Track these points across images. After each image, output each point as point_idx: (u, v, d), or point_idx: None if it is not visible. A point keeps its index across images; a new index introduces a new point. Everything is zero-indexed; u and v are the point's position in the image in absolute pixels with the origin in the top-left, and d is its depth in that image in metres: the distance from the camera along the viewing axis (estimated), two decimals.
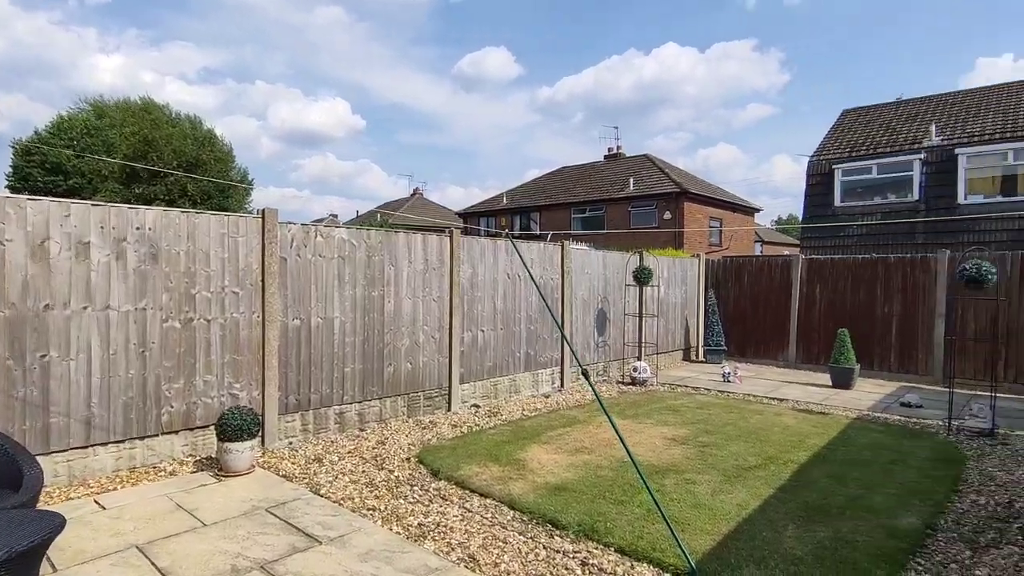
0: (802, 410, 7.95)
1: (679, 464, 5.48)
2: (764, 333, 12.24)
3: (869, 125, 20.91)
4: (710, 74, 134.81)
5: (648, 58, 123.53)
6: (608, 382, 10.01)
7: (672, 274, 12.06)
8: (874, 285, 10.87)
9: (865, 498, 4.66)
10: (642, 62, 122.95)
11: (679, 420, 7.22)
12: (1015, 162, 16.19)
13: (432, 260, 7.36)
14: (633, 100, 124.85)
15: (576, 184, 32.07)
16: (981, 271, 6.63)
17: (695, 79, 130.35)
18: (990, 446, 6.26)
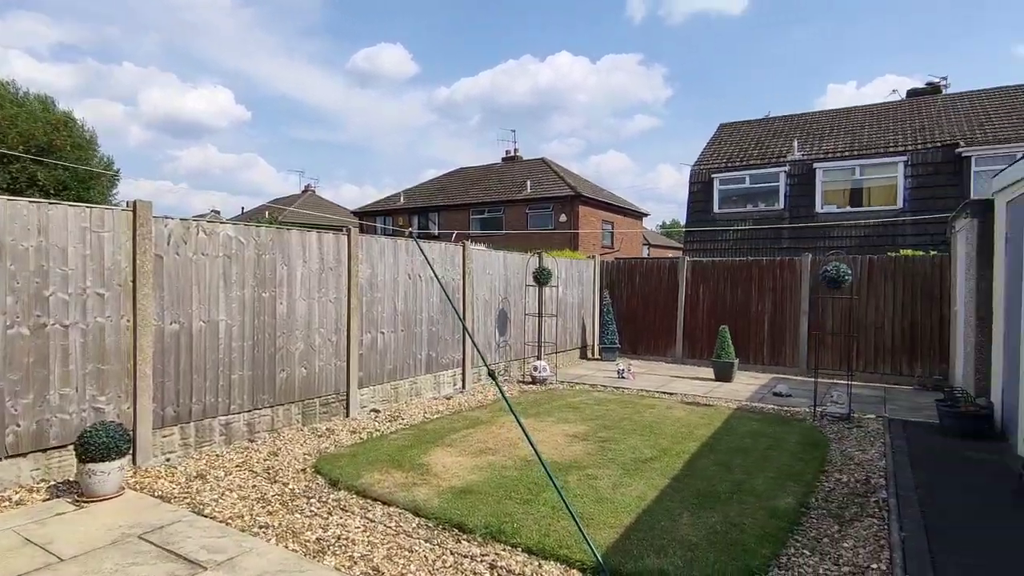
0: (690, 403, 8.46)
1: (581, 460, 5.61)
2: (654, 331, 12.92)
3: (742, 139, 22.75)
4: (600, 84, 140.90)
5: (543, 65, 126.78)
6: (509, 382, 10.09)
7: (570, 275, 12.40)
8: (749, 285, 11.84)
9: (748, 483, 5.03)
10: (537, 68, 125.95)
11: (579, 417, 7.41)
12: (861, 176, 18.31)
13: (328, 259, 7.02)
14: (529, 105, 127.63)
15: (474, 185, 32.14)
16: (839, 272, 7.41)
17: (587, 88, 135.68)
18: (847, 429, 7.01)
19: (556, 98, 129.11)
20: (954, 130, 17.92)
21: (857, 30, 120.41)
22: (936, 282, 10.07)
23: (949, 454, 5.88)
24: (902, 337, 10.34)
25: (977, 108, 18.96)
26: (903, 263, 10.39)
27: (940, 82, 22.75)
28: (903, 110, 20.80)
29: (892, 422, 7.30)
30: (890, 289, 10.46)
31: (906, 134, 18.83)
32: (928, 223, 16.57)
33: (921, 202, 17.06)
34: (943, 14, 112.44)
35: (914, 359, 10.24)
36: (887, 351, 10.46)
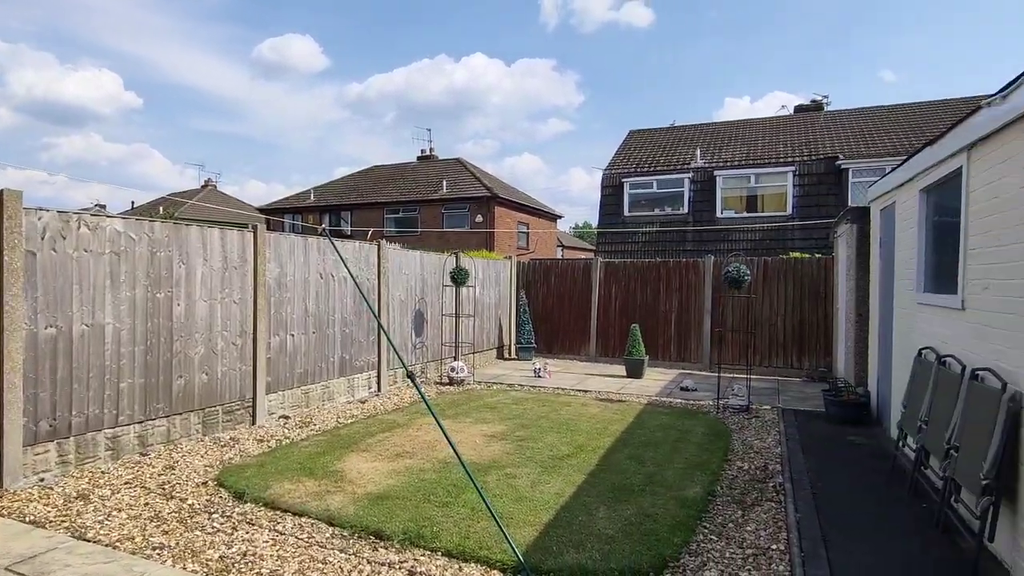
0: (604, 400, 8.71)
1: (500, 459, 5.61)
2: (569, 330, 13.21)
3: (650, 146, 23.78)
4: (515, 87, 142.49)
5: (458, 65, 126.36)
6: (427, 383, 9.94)
7: (487, 275, 12.41)
8: (658, 285, 12.38)
9: (660, 474, 5.23)
10: (452, 68, 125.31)
11: (497, 417, 7.42)
12: (756, 184, 19.66)
13: (233, 258, 6.59)
14: (444, 104, 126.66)
15: (388, 184, 31.48)
16: (740, 273, 7.91)
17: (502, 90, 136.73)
18: (747, 420, 7.48)
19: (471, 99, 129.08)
20: (835, 144, 19.65)
21: (750, 49, 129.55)
22: (821, 282, 10.99)
23: (835, 440, 6.42)
24: (793, 333, 11.20)
25: (854, 125, 20.91)
26: (793, 265, 11.27)
27: (822, 100, 24.87)
28: (792, 124, 22.57)
29: (785, 411, 7.88)
30: (782, 289, 11.31)
31: (794, 146, 20.43)
32: (813, 228, 18.07)
33: (807, 209, 18.57)
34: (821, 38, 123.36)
35: (803, 353, 11.13)
36: (780, 346, 11.30)
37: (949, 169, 4.46)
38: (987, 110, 3.62)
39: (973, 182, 4.02)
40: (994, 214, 3.66)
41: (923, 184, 5.21)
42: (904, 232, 5.90)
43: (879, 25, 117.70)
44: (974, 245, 3.97)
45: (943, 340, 4.59)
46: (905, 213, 5.89)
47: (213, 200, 41.32)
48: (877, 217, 7.31)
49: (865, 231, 7.91)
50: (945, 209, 4.83)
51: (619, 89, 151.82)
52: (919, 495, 4.55)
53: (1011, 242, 3.40)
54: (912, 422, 4.72)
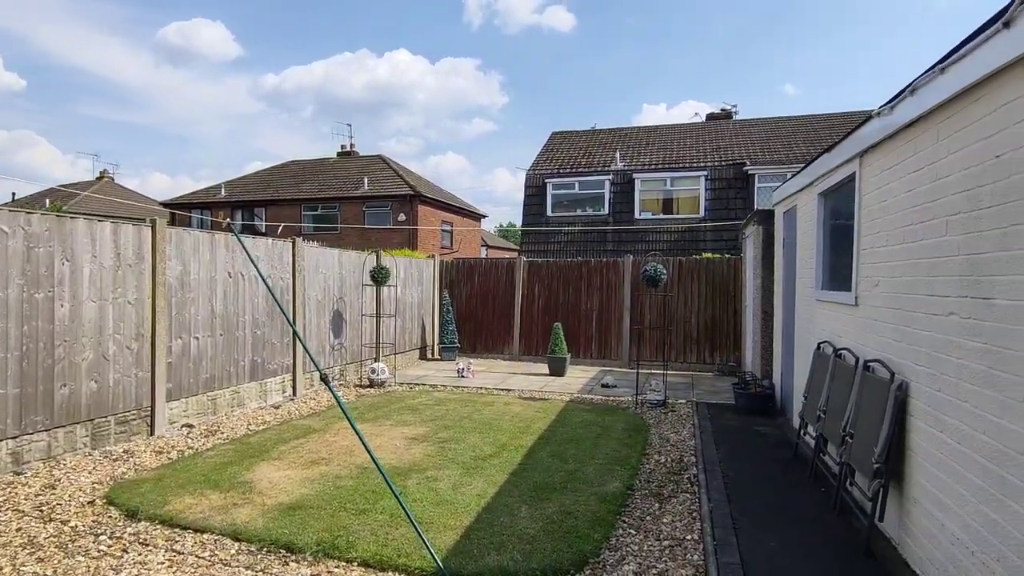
0: (527, 398, 8.74)
1: (421, 463, 5.48)
2: (493, 329, 13.19)
3: (572, 147, 24.23)
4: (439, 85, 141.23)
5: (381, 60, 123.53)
6: (346, 386, 9.60)
7: (409, 274, 12.17)
8: (580, 284, 12.60)
9: (581, 471, 5.29)
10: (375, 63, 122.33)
11: (418, 418, 7.26)
12: (672, 187, 20.48)
13: (127, 255, 6.06)
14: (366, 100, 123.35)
15: (307, 180, 30.29)
16: (657, 272, 8.17)
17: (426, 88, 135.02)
18: (664, 414, 7.74)
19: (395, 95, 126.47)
20: (743, 151, 20.81)
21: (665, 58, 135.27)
22: (731, 281, 11.58)
23: (743, 430, 6.75)
24: (705, 330, 11.73)
25: (760, 134, 22.24)
26: (706, 264, 11.80)
27: (731, 109, 26.31)
28: (704, 131, 23.70)
29: (699, 405, 8.22)
30: (696, 287, 11.81)
31: (706, 152, 21.46)
32: (723, 230, 19.06)
33: (718, 212, 19.55)
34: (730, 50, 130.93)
35: (715, 349, 11.68)
36: (694, 342, 11.81)
37: (844, 175, 4.78)
38: (877, 120, 3.89)
39: (865, 187, 4.32)
40: (882, 217, 3.94)
41: (821, 188, 5.57)
42: (805, 233, 6.28)
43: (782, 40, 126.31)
44: (865, 246, 4.27)
45: (839, 334, 4.92)
46: (805, 216, 6.28)
47: (110, 193, 38.22)
48: (780, 219, 7.76)
49: (770, 232, 8.39)
50: (840, 212, 5.18)
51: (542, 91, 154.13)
52: (818, 480, 4.85)
53: (896, 243, 3.68)
54: (812, 412, 5.03)
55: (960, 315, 2.85)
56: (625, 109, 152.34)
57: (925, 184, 3.27)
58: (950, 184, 2.97)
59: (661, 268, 8.23)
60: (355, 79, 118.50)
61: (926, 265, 3.24)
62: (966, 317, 2.79)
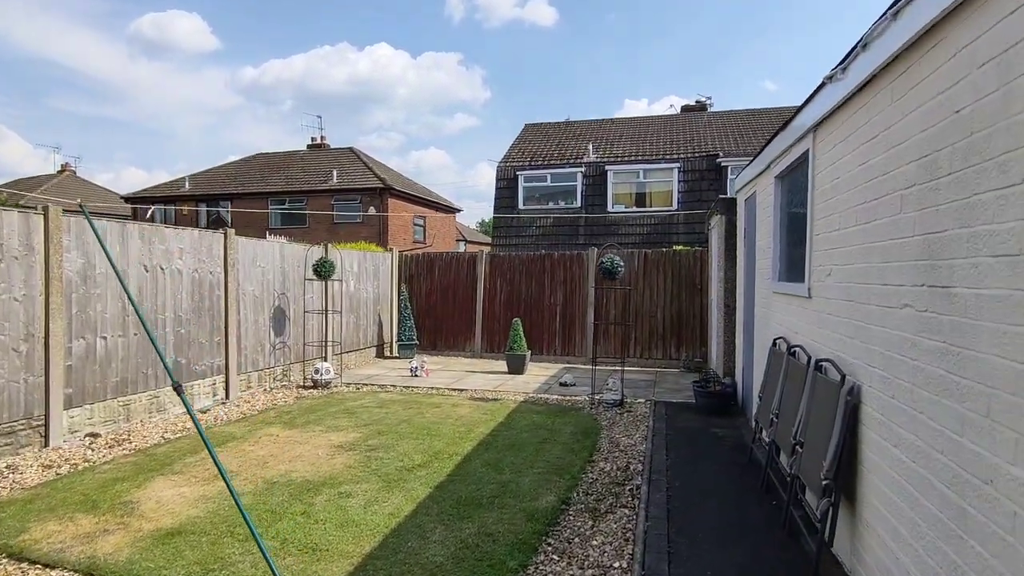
0: (478, 398, 8.23)
1: (339, 475, 4.94)
2: (454, 325, 12.65)
3: (545, 139, 23.74)
4: (421, 80, 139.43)
5: (362, 54, 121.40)
6: (288, 387, 8.99)
7: (364, 268, 11.57)
8: (543, 278, 12.10)
9: (515, 483, 4.79)
10: (356, 57, 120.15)
11: (353, 423, 6.71)
12: (645, 180, 20.09)
13: (12, 245, 5.41)
14: (347, 94, 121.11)
15: (275, 172, 29.42)
16: (613, 264, 7.69)
17: (407, 82, 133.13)
18: (619, 415, 7.28)
19: (376, 90, 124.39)
20: (716, 142, 20.48)
21: (647, 53, 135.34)
22: (697, 274, 11.17)
23: (700, 433, 6.31)
24: (671, 325, 11.31)
25: (734, 125, 21.94)
26: (671, 257, 11.38)
27: (707, 101, 25.99)
28: (678, 123, 23.35)
29: (658, 404, 7.78)
30: (662, 281, 11.39)
31: (679, 144, 21.10)
32: (696, 222, 18.72)
33: (691, 204, 19.19)
34: (712, 49, 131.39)
35: (681, 344, 11.27)
36: (660, 337, 11.38)
37: (798, 154, 4.33)
38: (830, 86, 3.43)
39: (818, 164, 3.87)
40: (835, 196, 3.49)
41: (778, 170, 5.12)
42: (763, 221, 5.85)
43: (763, 35, 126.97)
44: (819, 230, 3.82)
45: (794, 330, 4.48)
46: (764, 202, 5.84)
47: (71, 187, 36.92)
48: (743, 208, 7.33)
49: (732, 222, 7.96)
50: (797, 197, 4.74)
51: (524, 87, 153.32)
52: (770, 491, 4.41)
53: (849, 225, 3.22)
54: (766, 415, 4.59)
55: (915, 307, 2.38)
56: (607, 105, 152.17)
57: (879, 155, 2.81)
58: (906, 152, 2.50)
59: (618, 260, 7.76)
60: (335, 73, 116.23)
61: (880, 249, 2.77)
62: (922, 310, 2.33)
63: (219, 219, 28.03)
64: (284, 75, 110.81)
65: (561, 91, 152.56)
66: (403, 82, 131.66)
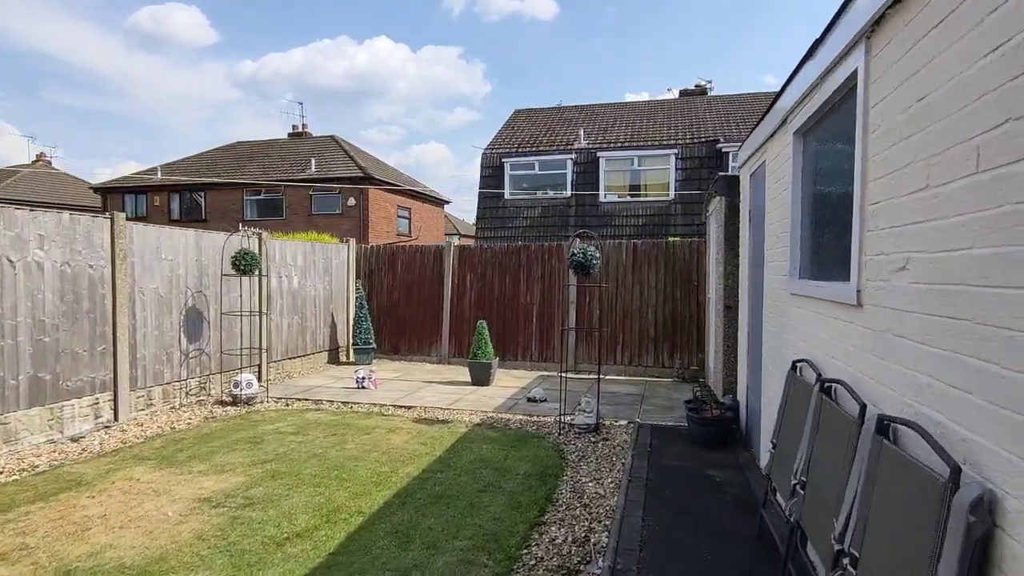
0: (425, 419, 6.77)
1: (176, 554, 3.48)
2: (418, 327, 11.18)
3: (534, 125, 22.23)
4: (421, 74, 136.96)
5: (361, 48, 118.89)
6: (204, 403, 7.53)
7: (311, 262, 10.10)
8: (519, 273, 10.63)
9: (423, 566, 3.33)
10: (355, 51, 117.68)
11: (249, 459, 5.25)
12: (639, 167, 18.59)
13: None
14: (346, 88, 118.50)
15: (252, 162, 27.92)
16: (587, 256, 6.21)
17: (407, 76, 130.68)
18: (593, 444, 5.82)
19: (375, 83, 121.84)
20: (716, 128, 18.98)
21: (648, 46, 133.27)
22: (694, 268, 9.69)
23: (692, 476, 4.84)
24: (664, 327, 9.84)
25: (735, 109, 20.42)
26: (665, 248, 9.89)
27: (706, 85, 24.44)
28: (676, 107, 21.82)
29: (642, 429, 6.31)
30: (653, 276, 9.91)
31: (677, 129, 19.59)
32: (695, 214, 17.24)
33: (689, 193, 17.71)
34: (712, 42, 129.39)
35: (675, 349, 9.80)
36: (651, 341, 9.91)
37: (839, 80, 2.84)
38: None
39: (876, 89, 2.38)
40: (915, 135, 2.01)
41: (799, 122, 3.63)
42: (776, 197, 4.37)
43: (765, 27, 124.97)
44: (878, 196, 2.35)
45: (828, 353, 3.01)
46: (777, 171, 4.36)
47: (45, 177, 35.50)
48: (747, 185, 5.85)
49: (735, 204, 6.48)
50: (830, 153, 3.26)
51: (524, 80, 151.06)
52: None
53: (947, 181, 1.75)
54: (784, 475, 3.12)
55: None
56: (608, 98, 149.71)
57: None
58: None
59: (592, 252, 6.28)
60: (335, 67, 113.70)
61: None
62: None
63: (192, 209, 26.59)
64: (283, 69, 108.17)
65: (561, 84, 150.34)
66: (403, 76, 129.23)
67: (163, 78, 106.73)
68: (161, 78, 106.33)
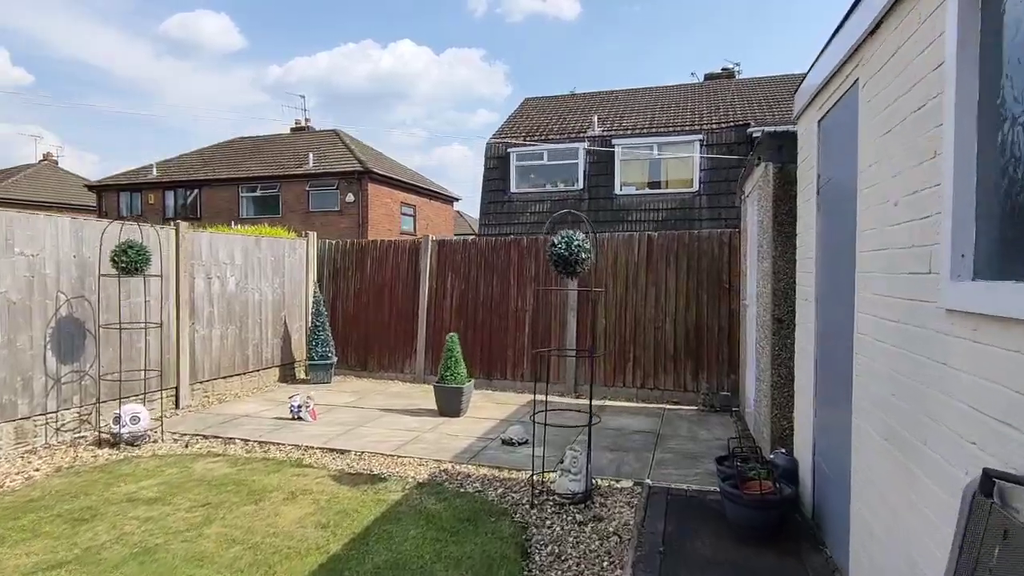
0: (352, 475, 4.89)
1: None
2: (390, 338, 9.33)
3: (545, 113, 20.35)
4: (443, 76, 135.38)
5: (385, 51, 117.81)
6: (78, 443, 5.76)
7: (255, 260, 8.33)
8: (508, 273, 8.71)
9: None
10: (379, 54, 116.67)
11: (35, 562, 3.41)
12: (659, 155, 16.54)
13: None
14: (369, 91, 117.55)
15: (251, 158, 26.53)
16: (572, 248, 4.26)
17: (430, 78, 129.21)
18: (578, 527, 3.88)
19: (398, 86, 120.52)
20: (746, 111, 16.86)
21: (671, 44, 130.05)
22: (725, 266, 7.67)
23: None
24: (686, 340, 7.82)
25: (767, 92, 18.28)
26: (687, 242, 7.88)
27: (734, 68, 22.30)
28: (700, 92, 19.74)
29: (653, 499, 4.31)
30: (673, 276, 7.91)
31: (702, 114, 17.51)
32: (723, 207, 15.16)
33: (716, 184, 15.63)
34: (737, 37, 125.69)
35: (700, 369, 7.77)
36: (669, 359, 7.90)
37: None
38: None
39: None
40: None
41: None
42: (903, 124, 2.38)
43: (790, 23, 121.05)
44: None
45: None
46: (893, 88, 2.38)
47: (50, 176, 34.80)
48: (813, 140, 3.84)
49: (789, 174, 4.49)
50: None
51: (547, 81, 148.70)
52: None
53: None
54: None
55: None
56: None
57: None
58: None
59: (580, 240, 4.32)
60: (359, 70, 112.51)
61: None
62: None
63: (187, 207, 25.28)
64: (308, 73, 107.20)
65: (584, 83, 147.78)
66: (425, 78, 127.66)
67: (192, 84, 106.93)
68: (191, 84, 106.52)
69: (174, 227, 7.07)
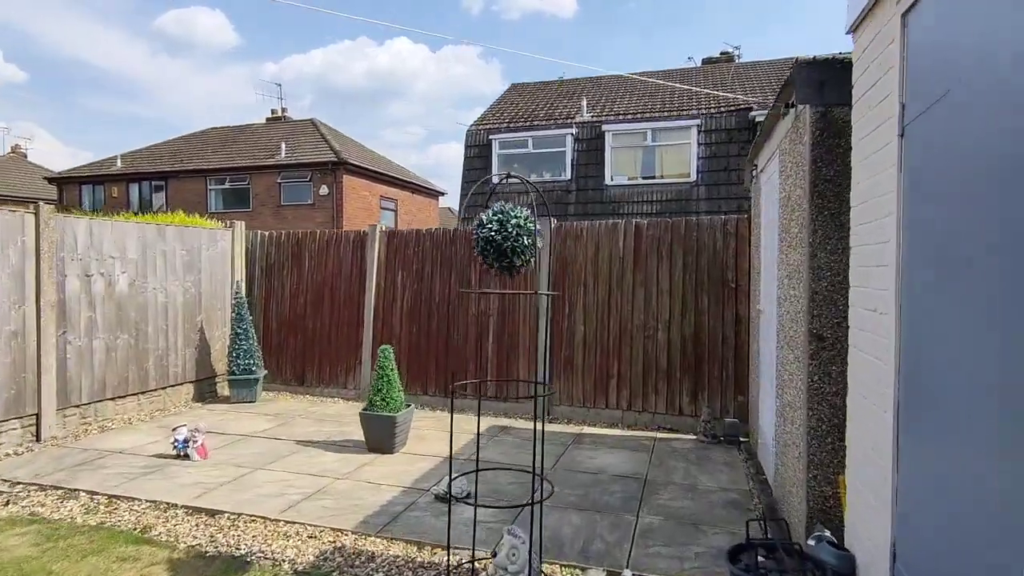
0: (202, 557, 3.40)
1: None
2: (331, 348, 7.83)
3: (531, 100, 18.89)
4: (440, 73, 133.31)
5: (381, 49, 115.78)
6: None
7: (158, 253, 6.82)
8: (468, 270, 7.23)
9: None
10: (375, 52, 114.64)
11: None
12: (653, 143, 15.08)
13: None
14: (366, 88, 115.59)
15: (221, 149, 24.95)
16: (507, 225, 2.76)
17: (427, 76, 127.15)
18: None
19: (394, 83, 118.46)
20: (748, 94, 15.40)
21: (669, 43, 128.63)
22: (731, 261, 6.20)
23: None
24: (682, 352, 6.35)
25: (769, 75, 16.85)
26: (684, 231, 6.40)
27: (733, 51, 20.86)
28: (699, 75, 18.30)
29: None
30: (666, 275, 6.43)
31: (699, 98, 16.06)
32: (723, 198, 13.75)
33: (715, 173, 14.20)
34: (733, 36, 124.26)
35: (700, 389, 6.29)
36: (661, 376, 6.42)
37: None
38: None
39: None
40: None
41: None
42: None
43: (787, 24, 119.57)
44: None
45: None
46: None
47: (16, 169, 33.14)
48: (895, 51, 2.36)
49: (835, 123, 3.01)
50: None
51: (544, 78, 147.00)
52: None
53: None
54: None
55: None
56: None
57: None
58: None
59: (519, 219, 2.84)
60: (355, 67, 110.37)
61: None
62: None
63: (153, 200, 23.71)
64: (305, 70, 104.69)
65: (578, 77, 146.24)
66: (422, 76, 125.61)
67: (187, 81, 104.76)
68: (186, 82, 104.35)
69: (33, 211, 5.56)
